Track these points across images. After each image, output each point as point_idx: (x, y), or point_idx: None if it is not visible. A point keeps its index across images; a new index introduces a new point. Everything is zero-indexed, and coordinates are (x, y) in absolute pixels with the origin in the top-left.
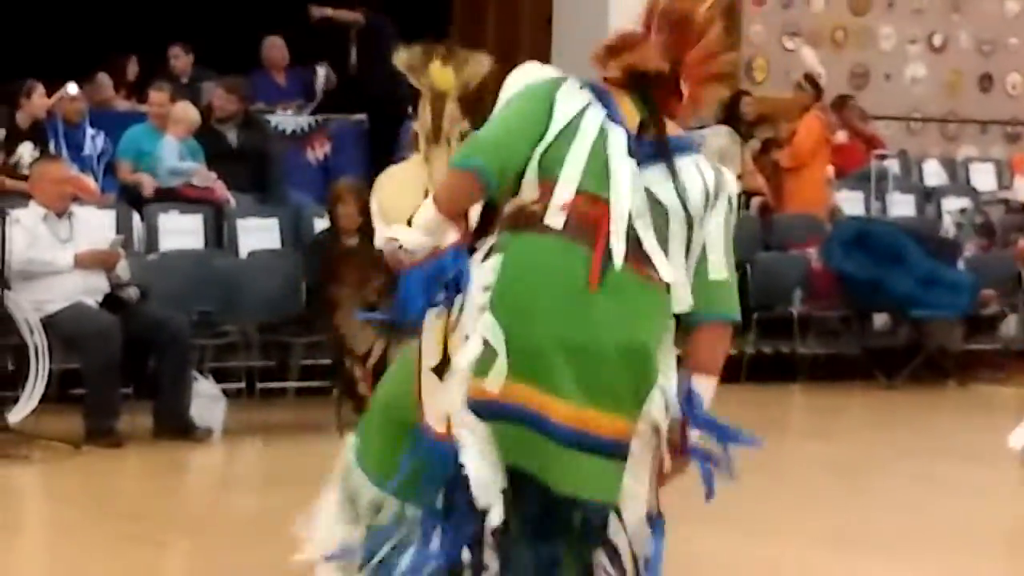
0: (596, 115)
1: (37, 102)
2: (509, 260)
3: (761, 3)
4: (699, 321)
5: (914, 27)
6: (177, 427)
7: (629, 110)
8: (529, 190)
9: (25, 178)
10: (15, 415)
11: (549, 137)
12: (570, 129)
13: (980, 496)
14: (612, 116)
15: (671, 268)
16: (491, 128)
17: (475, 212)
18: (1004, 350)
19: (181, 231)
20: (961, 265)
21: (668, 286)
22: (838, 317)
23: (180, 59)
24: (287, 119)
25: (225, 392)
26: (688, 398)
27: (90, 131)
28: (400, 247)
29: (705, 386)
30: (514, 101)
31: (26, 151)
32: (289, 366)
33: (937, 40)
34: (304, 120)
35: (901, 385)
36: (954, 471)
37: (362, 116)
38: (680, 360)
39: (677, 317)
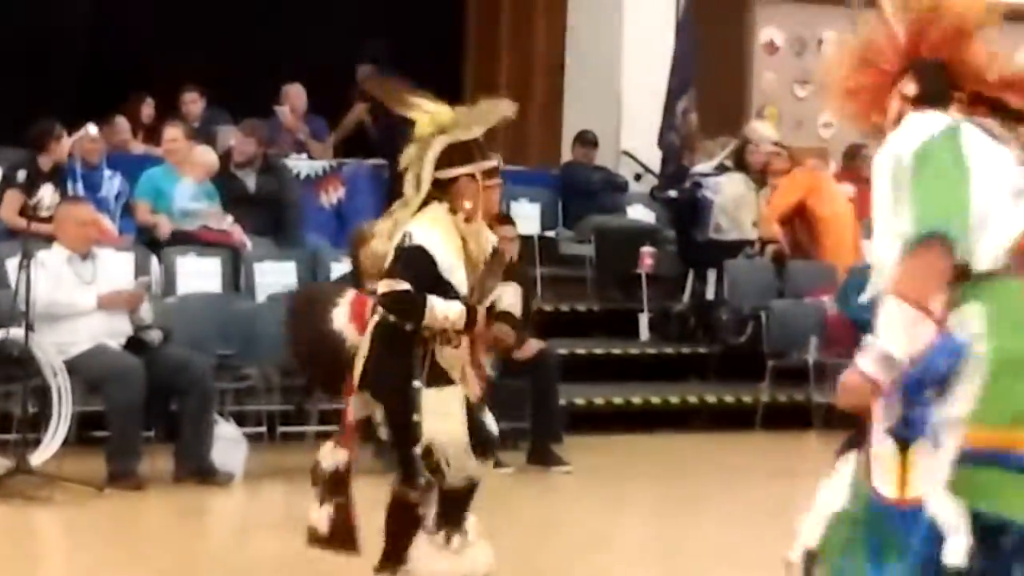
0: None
1: (63, 145)
2: (990, 308)
3: (773, 51)
4: None
5: None
6: (199, 470)
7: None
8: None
9: (45, 220)
10: (38, 457)
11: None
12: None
13: None
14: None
15: None
16: (933, 189)
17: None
18: None
19: (199, 274)
20: None
21: None
22: None
23: (194, 103)
24: (302, 163)
25: (246, 435)
26: None
27: (107, 172)
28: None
29: None
30: (929, 159)
31: (47, 193)
32: (308, 410)
33: None
34: (319, 164)
35: None
36: None
37: (375, 160)
38: None
39: None
